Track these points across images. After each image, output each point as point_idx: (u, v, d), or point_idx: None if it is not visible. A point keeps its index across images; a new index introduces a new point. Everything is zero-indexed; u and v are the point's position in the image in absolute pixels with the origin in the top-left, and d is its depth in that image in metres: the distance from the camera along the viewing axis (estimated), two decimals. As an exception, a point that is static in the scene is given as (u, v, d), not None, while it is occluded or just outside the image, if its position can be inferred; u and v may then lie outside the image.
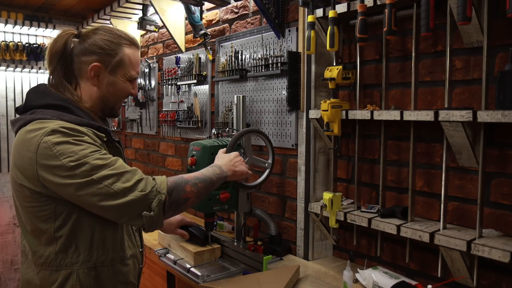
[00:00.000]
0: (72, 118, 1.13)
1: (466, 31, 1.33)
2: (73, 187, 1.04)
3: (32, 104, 1.16)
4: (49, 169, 1.05)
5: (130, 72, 1.25)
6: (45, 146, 1.05)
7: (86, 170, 1.04)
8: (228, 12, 2.41)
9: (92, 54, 1.19)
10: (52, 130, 1.06)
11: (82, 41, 1.20)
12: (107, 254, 1.18)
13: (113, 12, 2.96)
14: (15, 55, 3.53)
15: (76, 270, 1.13)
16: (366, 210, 1.60)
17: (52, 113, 1.13)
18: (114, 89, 1.24)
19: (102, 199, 1.05)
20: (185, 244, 1.87)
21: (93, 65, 1.19)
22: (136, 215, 1.08)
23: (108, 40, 1.21)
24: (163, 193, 1.11)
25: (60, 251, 1.12)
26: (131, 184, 1.07)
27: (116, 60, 1.21)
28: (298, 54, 1.87)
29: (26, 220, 1.14)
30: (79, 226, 1.13)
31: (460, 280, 1.37)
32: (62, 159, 1.04)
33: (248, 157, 1.75)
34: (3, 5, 3.38)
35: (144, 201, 1.08)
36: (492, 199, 1.34)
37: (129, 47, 1.25)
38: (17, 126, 1.16)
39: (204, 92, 2.63)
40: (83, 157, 1.05)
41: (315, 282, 1.59)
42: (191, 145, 1.78)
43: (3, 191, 3.65)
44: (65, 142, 1.06)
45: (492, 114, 1.16)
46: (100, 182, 1.05)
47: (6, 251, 3.65)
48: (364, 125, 1.69)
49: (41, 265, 1.13)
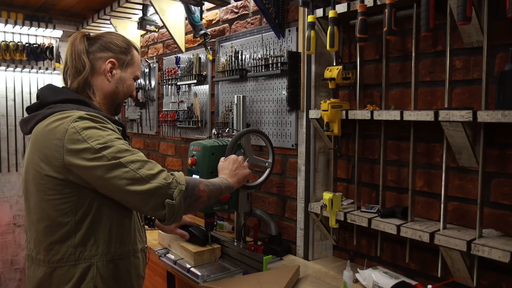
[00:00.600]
0: (91, 110, 1.17)
1: (466, 31, 1.33)
2: (101, 169, 1.07)
3: (48, 100, 1.19)
4: (77, 153, 1.07)
5: (136, 72, 1.36)
6: (73, 131, 1.08)
7: (113, 152, 1.08)
8: (228, 12, 2.41)
9: (108, 50, 1.28)
10: (79, 117, 1.10)
11: (95, 41, 1.29)
12: (124, 246, 1.20)
13: (113, 12, 2.96)
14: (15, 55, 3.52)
15: (96, 263, 1.14)
16: (366, 210, 1.60)
17: (71, 106, 1.17)
18: (123, 85, 1.32)
19: (129, 183, 1.08)
20: (185, 244, 1.87)
21: (110, 60, 1.28)
22: (160, 203, 1.11)
23: (123, 40, 1.33)
24: (182, 184, 1.16)
25: (79, 245, 1.13)
26: (155, 172, 1.12)
27: (128, 59, 1.32)
28: (298, 54, 1.87)
29: (43, 216, 1.13)
30: (98, 219, 1.15)
31: (460, 280, 1.37)
32: (90, 142, 1.08)
33: (248, 157, 1.75)
34: (3, 5, 3.37)
35: (167, 189, 1.12)
36: (492, 199, 1.34)
37: (135, 50, 1.36)
38: (34, 121, 1.17)
39: (204, 92, 2.63)
40: (110, 141, 1.10)
41: (315, 282, 1.59)
42: (191, 145, 1.78)
43: (3, 191, 3.65)
44: (92, 127, 1.10)
45: (492, 114, 1.16)
46: (126, 166, 1.09)
47: (6, 251, 3.65)
48: (364, 125, 1.69)
49: (57, 262, 1.13)
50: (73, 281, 1.12)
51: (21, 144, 3.72)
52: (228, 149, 1.67)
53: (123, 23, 3.22)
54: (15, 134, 3.69)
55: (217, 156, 1.69)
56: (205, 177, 1.70)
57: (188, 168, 1.79)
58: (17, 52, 3.52)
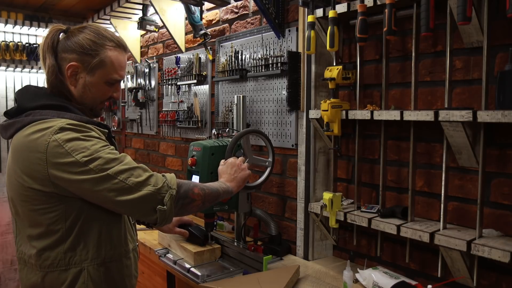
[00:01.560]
0: (73, 116, 1.13)
1: (466, 31, 1.33)
2: (89, 182, 1.04)
3: (26, 106, 1.13)
4: (62, 167, 1.04)
5: (111, 75, 1.21)
6: (55, 144, 1.04)
7: (100, 164, 1.05)
8: (228, 12, 2.41)
9: (72, 52, 1.16)
10: (60, 128, 1.06)
11: (67, 38, 1.18)
12: (115, 249, 1.19)
13: (113, 12, 2.96)
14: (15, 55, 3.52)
15: (86, 267, 1.13)
16: (366, 210, 1.60)
17: (50, 113, 1.11)
18: (91, 91, 1.20)
19: (118, 194, 1.06)
20: (185, 244, 1.87)
21: (70, 64, 1.16)
22: (151, 209, 1.10)
23: (91, 40, 1.18)
24: (173, 188, 1.13)
25: (68, 250, 1.12)
26: (143, 178, 1.09)
27: (95, 61, 1.18)
28: (298, 54, 1.87)
29: (34, 223, 1.12)
30: (88, 224, 1.13)
31: (460, 280, 1.37)
32: (75, 155, 1.04)
33: (248, 157, 1.75)
34: (3, 5, 3.37)
35: (157, 195, 1.10)
36: (492, 199, 1.34)
37: (113, 49, 1.21)
38: (13, 129, 1.13)
39: (204, 92, 2.63)
40: (95, 151, 1.06)
41: (315, 282, 1.59)
42: (191, 146, 1.78)
43: (3, 191, 3.65)
44: (75, 138, 1.05)
45: (492, 114, 1.16)
46: (115, 177, 1.06)
47: (6, 251, 3.65)
48: (364, 125, 1.69)
49: (48, 267, 1.12)
50: (65, 285, 1.12)
51: (21, 144, 3.72)
52: (227, 151, 1.66)
53: (123, 23, 3.22)
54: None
55: (217, 156, 1.69)
56: (205, 177, 1.70)
57: (188, 168, 1.79)
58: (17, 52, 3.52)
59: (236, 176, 1.49)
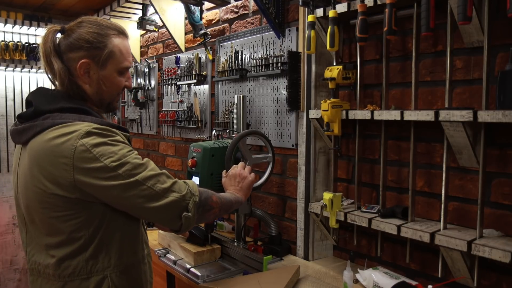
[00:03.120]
0: (94, 120, 1.09)
1: (467, 31, 1.33)
2: (118, 188, 1.02)
3: (44, 108, 1.08)
4: (90, 172, 1.00)
5: (122, 63, 1.17)
6: (83, 149, 1.00)
7: (128, 170, 1.03)
8: (228, 12, 2.41)
9: (79, 49, 1.11)
10: (86, 132, 1.02)
11: (67, 36, 1.13)
12: (135, 255, 1.17)
13: (113, 11, 2.96)
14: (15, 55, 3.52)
15: (109, 274, 1.10)
16: (366, 210, 1.60)
17: (71, 116, 1.07)
18: (107, 85, 1.16)
19: (146, 201, 1.05)
20: (185, 244, 1.87)
21: (82, 62, 1.11)
22: (177, 216, 1.09)
23: (95, 32, 1.12)
24: (196, 195, 1.14)
25: (90, 258, 1.08)
26: (169, 185, 1.09)
27: (106, 53, 1.13)
28: (298, 54, 1.86)
29: (54, 231, 1.07)
30: (110, 230, 1.11)
31: (460, 280, 1.37)
32: (103, 160, 1.00)
33: (248, 159, 1.74)
34: (3, 5, 3.37)
35: (182, 202, 1.10)
36: (492, 199, 1.34)
37: (117, 37, 1.16)
38: (31, 133, 1.07)
39: (204, 92, 2.62)
40: (123, 156, 1.03)
41: (315, 282, 1.59)
42: (191, 147, 1.77)
43: (2, 191, 3.65)
44: (102, 143, 1.02)
45: (492, 114, 1.16)
46: (143, 183, 1.04)
47: (5, 251, 3.65)
48: (364, 125, 1.68)
49: (68, 276, 1.08)
50: None
51: (21, 144, 3.71)
52: (227, 157, 1.65)
53: (123, 23, 3.21)
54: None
55: (217, 157, 1.68)
56: (205, 179, 1.69)
57: (188, 169, 1.79)
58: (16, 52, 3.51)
59: (242, 186, 1.50)
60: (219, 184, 1.68)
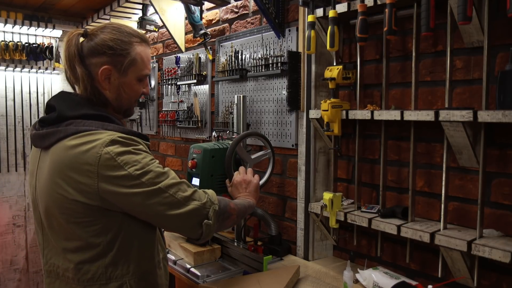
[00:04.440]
0: (116, 128, 1.09)
1: (467, 31, 1.33)
2: (141, 196, 1.03)
3: (68, 114, 1.09)
4: (114, 180, 1.01)
5: (142, 71, 1.18)
6: (108, 157, 1.01)
7: (152, 178, 1.04)
8: (228, 12, 2.41)
9: (101, 55, 1.11)
10: (111, 141, 1.03)
11: (89, 40, 1.13)
12: (152, 261, 1.18)
13: (113, 11, 2.95)
14: (15, 55, 3.51)
15: (128, 281, 1.10)
16: (366, 210, 1.60)
17: (94, 123, 1.08)
18: (126, 91, 1.17)
19: (168, 208, 1.06)
20: (185, 244, 1.87)
21: (104, 68, 1.11)
22: (198, 224, 1.11)
23: (118, 39, 1.13)
24: (216, 203, 1.16)
25: (110, 264, 1.09)
26: (190, 193, 1.11)
27: (128, 60, 1.14)
28: (298, 54, 1.86)
29: (72, 236, 1.08)
30: (129, 238, 1.11)
31: (460, 280, 1.37)
32: (127, 168, 1.02)
33: (248, 162, 1.73)
34: (3, 5, 3.37)
35: (203, 210, 1.12)
36: (492, 199, 1.34)
37: (140, 44, 1.17)
38: (54, 139, 1.07)
39: (204, 92, 2.62)
40: (146, 165, 1.05)
41: (315, 282, 1.59)
42: (192, 148, 1.77)
43: (2, 191, 3.64)
44: (126, 152, 1.04)
45: (492, 114, 1.16)
46: (166, 191, 1.06)
47: (5, 251, 3.65)
48: (364, 125, 1.68)
49: (87, 281, 1.08)
50: None
51: (21, 144, 3.71)
52: (227, 166, 1.65)
53: (123, 23, 3.21)
54: (15, 134, 3.68)
55: (217, 159, 1.68)
56: (205, 180, 1.69)
57: (188, 171, 1.78)
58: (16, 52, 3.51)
59: (250, 190, 1.51)
60: (220, 185, 1.68)
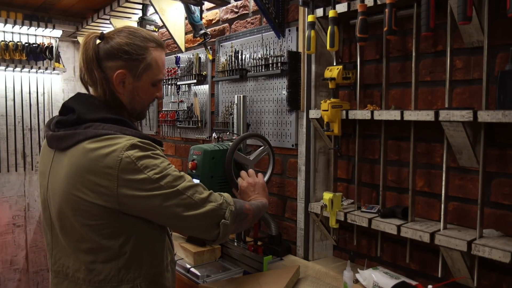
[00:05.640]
0: (133, 132, 1.10)
1: (467, 31, 1.33)
2: (160, 198, 1.05)
3: (87, 117, 1.09)
4: (133, 184, 1.03)
5: (157, 76, 1.19)
6: (128, 161, 1.02)
7: (170, 181, 1.06)
8: (228, 12, 2.41)
9: (117, 59, 1.12)
10: (131, 145, 1.04)
11: (106, 43, 1.14)
12: (161, 264, 1.19)
13: (113, 11, 2.95)
14: (15, 55, 3.51)
15: (139, 284, 1.11)
16: (366, 210, 1.60)
17: (113, 127, 1.09)
18: (140, 95, 1.18)
19: (186, 209, 1.08)
20: (185, 244, 1.87)
21: (119, 73, 1.12)
22: (214, 224, 1.13)
23: (135, 44, 1.13)
24: (232, 204, 1.18)
25: (123, 267, 1.09)
26: (206, 195, 1.13)
27: (143, 65, 1.15)
28: (298, 54, 1.87)
29: (84, 238, 1.08)
30: (141, 241, 1.12)
31: (460, 280, 1.37)
32: (147, 172, 1.03)
33: (248, 164, 1.73)
34: (3, 5, 3.37)
35: (219, 211, 1.14)
36: (492, 199, 1.34)
37: (156, 49, 1.18)
38: (73, 141, 1.08)
39: (204, 92, 2.62)
40: (164, 169, 1.07)
41: (315, 282, 1.59)
42: (192, 149, 1.77)
43: (2, 191, 3.65)
44: (146, 156, 1.05)
45: (492, 114, 1.16)
46: (183, 193, 1.08)
47: (5, 251, 3.65)
48: (364, 125, 1.68)
49: (99, 282, 1.09)
50: None
51: (21, 144, 3.71)
52: (227, 158, 1.65)
53: (123, 23, 3.21)
54: (15, 134, 3.68)
55: (217, 160, 1.68)
56: (205, 181, 1.69)
57: (188, 172, 1.78)
58: (16, 52, 3.51)
59: (258, 192, 1.52)
60: (220, 187, 1.68)
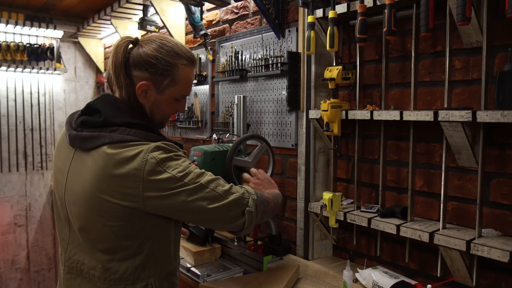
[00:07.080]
0: (157, 138, 1.12)
1: (466, 32, 1.34)
2: (185, 193, 1.07)
3: (113, 120, 1.10)
4: (157, 184, 1.05)
5: (181, 92, 1.19)
6: (153, 162, 1.04)
7: (193, 178, 1.09)
8: (228, 13, 2.41)
9: (144, 70, 1.12)
10: (156, 146, 1.07)
11: (136, 51, 1.13)
12: (174, 263, 1.21)
13: (114, 12, 2.96)
14: (16, 56, 3.53)
15: (153, 282, 1.13)
16: (366, 210, 1.60)
17: (138, 133, 1.10)
18: (161, 108, 1.18)
19: (211, 202, 1.10)
20: (186, 244, 1.88)
21: (141, 84, 1.12)
22: (239, 212, 1.15)
23: (163, 58, 1.12)
24: (253, 193, 1.20)
25: (139, 266, 1.11)
26: (228, 187, 1.15)
27: (168, 81, 1.14)
28: (298, 54, 1.87)
29: (103, 238, 1.09)
30: (159, 241, 1.14)
31: (459, 279, 1.37)
32: (170, 171, 1.06)
33: (248, 166, 1.73)
34: (4, 6, 3.38)
35: (243, 200, 1.16)
36: (491, 199, 1.34)
37: (186, 66, 1.16)
38: (100, 143, 1.08)
39: (204, 92, 2.63)
40: (186, 167, 1.09)
41: (315, 282, 1.59)
42: (192, 151, 1.77)
43: (3, 191, 3.66)
44: (169, 158, 1.08)
45: (491, 114, 1.16)
46: (207, 186, 1.10)
47: (7, 250, 3.66)
48: (364, 125, 1.69)
49: (115, 281, 1.10)
50: None
51: (22, 144, 3.72)
52: (228, 159, 1.65)
53: (123, 24, 3.22)
54: (16, 134, 3.69)
55: (217, 161, 1.68)
56: None
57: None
58: (18, 53, 3.52)
59: (268, 186, 1.52)
60: None
